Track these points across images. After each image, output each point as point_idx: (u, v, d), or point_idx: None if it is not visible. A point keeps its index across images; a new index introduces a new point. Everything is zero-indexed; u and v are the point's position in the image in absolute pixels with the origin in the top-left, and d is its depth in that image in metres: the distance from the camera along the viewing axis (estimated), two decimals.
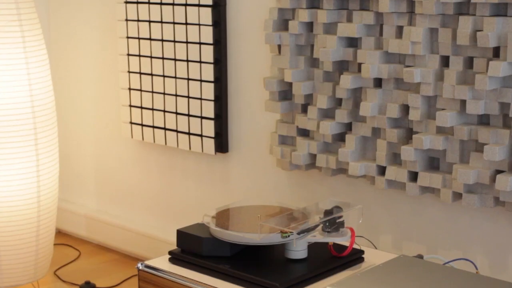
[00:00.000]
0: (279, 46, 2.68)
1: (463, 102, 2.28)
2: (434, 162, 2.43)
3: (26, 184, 2.99)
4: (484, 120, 2.30)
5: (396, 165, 2.46)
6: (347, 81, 2.47)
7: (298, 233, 2.16)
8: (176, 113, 3.16)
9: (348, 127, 2.59)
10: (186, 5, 3.05)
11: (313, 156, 2.66)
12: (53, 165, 3.09)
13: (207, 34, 2.99)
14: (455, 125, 2.28)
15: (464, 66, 2.27)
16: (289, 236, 2.15)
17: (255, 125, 2.95)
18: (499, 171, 2.25)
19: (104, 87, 3.55)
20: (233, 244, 2.20)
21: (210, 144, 3.05)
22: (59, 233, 3.82)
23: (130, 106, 3.35)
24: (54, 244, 3.48)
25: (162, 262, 2.29)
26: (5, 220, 2.99)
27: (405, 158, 2.38)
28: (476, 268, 2.22)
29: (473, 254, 2.40)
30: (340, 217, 2.23)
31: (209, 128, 3.04)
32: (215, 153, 3.06)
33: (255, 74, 2.91)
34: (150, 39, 3.21)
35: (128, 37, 3.30)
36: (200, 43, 3.02)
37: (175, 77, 3.14)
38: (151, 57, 3.22)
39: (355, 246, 2.29)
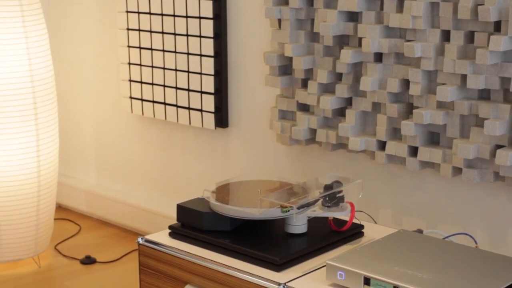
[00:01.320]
0: (279, 21, 2.67)
1: (463, 77, 2.28)
2: (434, 137, 2.43)
3: (26, 159, 2.99)
4: (484, 94, 2.29)
5: (396, 140, 2.46)
6: (347, 55, 2.46)
7: (298, 208, 2.17)
8: (176, 88, 3.15)
9: (348, 102, 2.58)
10: None
11: (313, 131, 2.66)
12: (53, 140, 3.10)
13: (207, 8, 2.97)
14: (455, 100, 2.28)
15: (465, 41, 2.26)
16: (289, 210, 2.15)
17: (255, 100, 2.94)
18: (499, 146, 2.25)
19: (103, 62, 3.54)
20: (233, 218, 2.21)
21: (210, 119, 3.05)
22: (59, 208, 3.83)
23: (130, 80, 3.35)
24: (54, 219, 3.49)
25: (162, 237, 2.30)
26: (6, 195, 2.99)
27: (405, 133, 2.38)
28: (476, 243, 2.22)
29: (473, 228, 2.41)
30: (340, 191, 2.24)
31: (209, 103, 3.03)
32: (215, 128, 3.06)
33: (255, 49, 2.91)
34: (149, 13, 3.19)
35: (127, 12, 3.29)
36: (200, 18, 3.00)
37: (175, 52, 3.13)
38: (150, 31, 3.21)
39: (355, 220, 2.29)
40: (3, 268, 3.16)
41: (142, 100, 3.31)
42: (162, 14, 3.14)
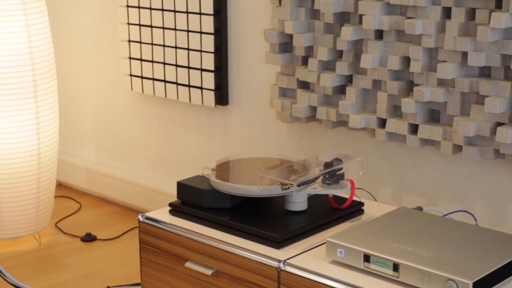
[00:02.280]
0: None
1: (464, 54, 2.27)
2: (434, 115, 2.42)
3: (26, 136, 2.99)
4: (485, 72, 2.29)
5: (397, 118, 2.45)
6: (347, 33, 2.45)
7: (298, 185, 2.17)
8: (176, 66, 3.14)
9: (349, 79, 2.58)
10: None
11: (313, 109, 2.66)
12: (53, 118, 3.09)
13: None
14: (456, 77, 2.27)
15: (466, 18, 2.25)
16: (289, 188, 2.15)
17: (255, 78, 2.94)
18: (499, 124, 2.25)
19: (103, 39, 3.53)
20: (233, 196, 2.21)
21: (210, 97, 3.04)
22: (60, 185, 3.84)
23: (130, 58, 3.34)
24: (55, 197, 3.50)
25: (162, 214, 2.30)
26: (6, 172, 3.00)
27: (405, 110, 2.37)
28: (476, 220, 2.23)
29: (473, 206, 2.41)
30: (340, 169, 2.23)
31: (209, 80, 3.03)
32: (215, 106, 3.05)
33: (255, 26, 2.90)
34: None
35: None
36: None
37: (175, 29, 3.12)
38: (150, 8, 3.19)
39: (355, 198, 2.29)
40: (4, 245, 3.17)
41: (142, 77, 3.30)
42: None
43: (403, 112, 2.42)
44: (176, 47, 3.13)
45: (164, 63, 3.19)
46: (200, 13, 3.00)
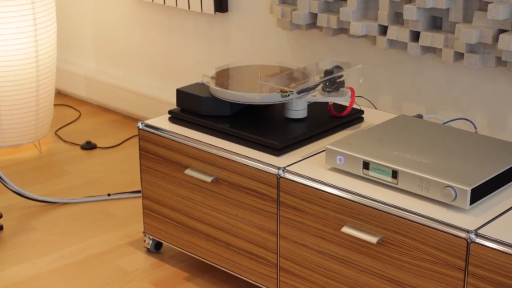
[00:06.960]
0: None
1: None
2: (436, 22, 2.39)
3: (24, 44, 2.97)
4: None
5: (398, 25, 2.43)
6: None
7: (298, 93, 2.16)
8: None
9: None
10: None
11: (314, 16, 2.62)
12: (50, 24, 3.06)
13: None
14: None
15: None
16: (289, 95, 2.15)
17: None
18: (502, 31, 2.22)
19: None
20: (232, 103, 2.20)
21: (209, 3, 3.01)
22: (59, 93, 3.83)
23: None
24: (54, 105, 3.49)
25: (162, 122, 2.30)
26: (4, 80, 2.98)
27: (407, 17, 2.34)
28: (475, 128, 2.23)
29: (473, 114, 2.41)
30: (341, 76, 2.22)
31: None
32: (215, 13, 3.02)
33: None
34: None
35: None
36: None
37: None
38: None
39: (355, 106, 2.29)
40: (4, 153, 3.19)
41: None
42: None
43: (404, 19, 2.39)
44: None
45: None
46: None
